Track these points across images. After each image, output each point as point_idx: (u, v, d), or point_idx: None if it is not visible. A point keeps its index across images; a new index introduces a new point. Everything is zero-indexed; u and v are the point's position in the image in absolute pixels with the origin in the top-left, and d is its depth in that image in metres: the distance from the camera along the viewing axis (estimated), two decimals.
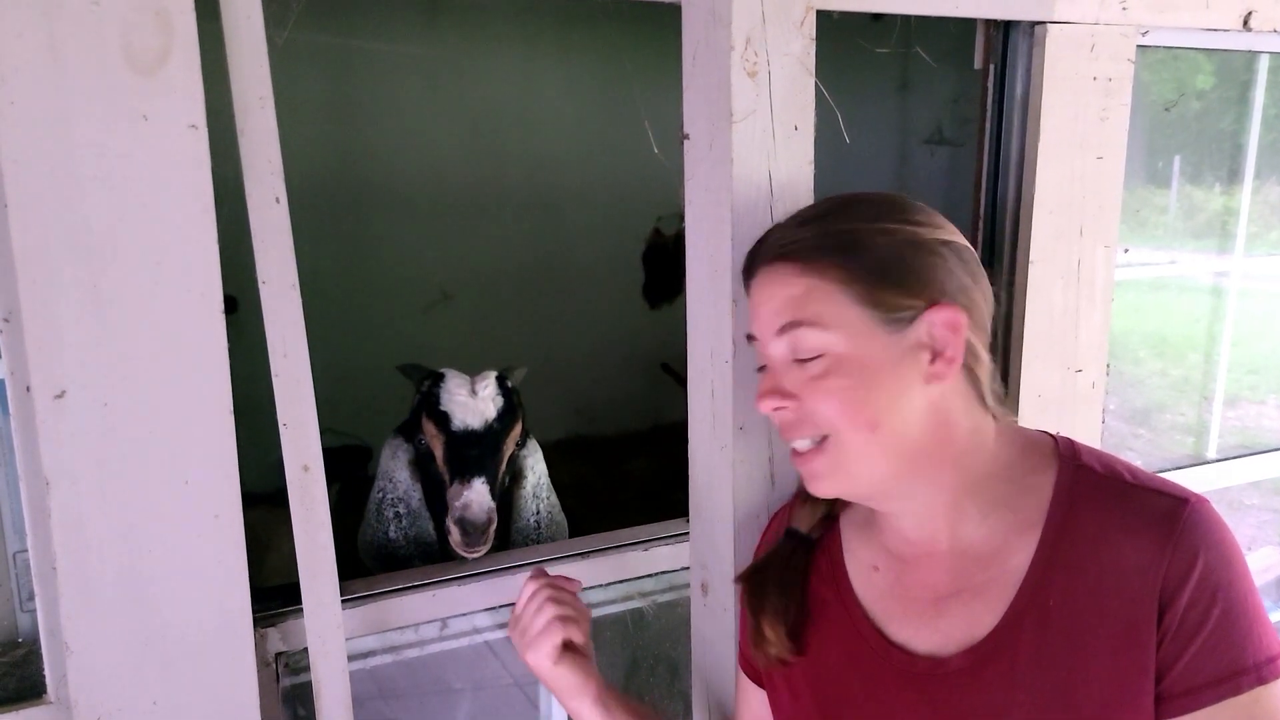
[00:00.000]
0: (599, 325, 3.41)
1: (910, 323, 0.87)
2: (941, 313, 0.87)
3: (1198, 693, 0.80)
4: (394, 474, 1.69)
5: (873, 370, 0.87)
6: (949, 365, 0.88)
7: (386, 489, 1.69)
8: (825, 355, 0.88)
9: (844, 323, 0.88)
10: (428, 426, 1.62)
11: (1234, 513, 2.14)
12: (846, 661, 0.95)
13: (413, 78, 3.01)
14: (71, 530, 1.01)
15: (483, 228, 3.19)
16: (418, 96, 3.03)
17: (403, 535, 1.67)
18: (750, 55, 1.11)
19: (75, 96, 0.95)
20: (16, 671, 1.13)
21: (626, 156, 3.06)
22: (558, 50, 3.20)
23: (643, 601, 1.54)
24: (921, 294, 0.87)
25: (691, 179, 1.21)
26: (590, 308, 3.38)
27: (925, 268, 0.88)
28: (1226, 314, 1.94)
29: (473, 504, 1.50)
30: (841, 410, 0.87)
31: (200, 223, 1.02)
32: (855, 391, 0.87)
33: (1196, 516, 0.82)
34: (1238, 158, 1.85)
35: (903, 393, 0.88)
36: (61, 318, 0.98)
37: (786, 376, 0.91)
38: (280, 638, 1.20)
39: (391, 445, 1.71)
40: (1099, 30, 1.41)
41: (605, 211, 3.33)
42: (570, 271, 3.34)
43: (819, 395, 0.88)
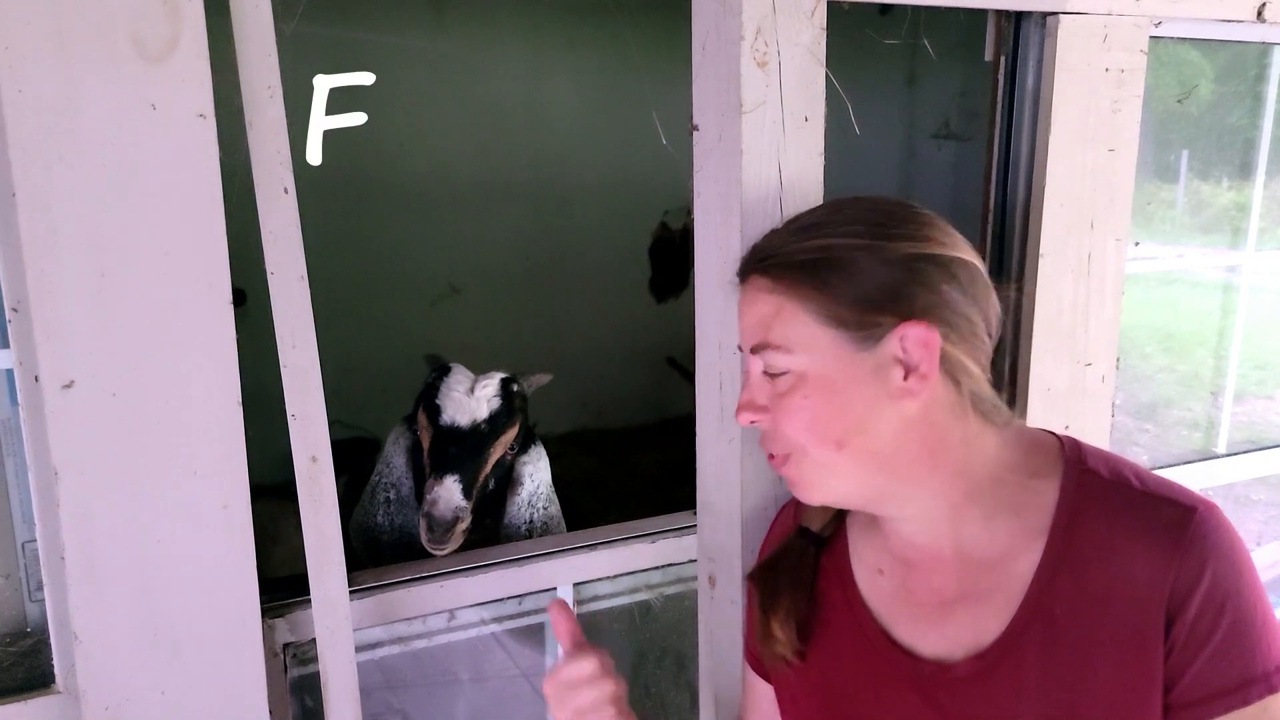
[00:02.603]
0: (606, 319, 3.41)
1: (880, 340, 0.86)
2: (913, 329, 0.85)
3: (1207, 703, 0.80)
4: (391, 459, 1.69)
5: (839, 389, 0.87)
6: (922, 381, 0.86)
7: (383, 473, 1.69)
8: (791, 373, 0.89)
9: (809, 343, 0.88)
10: (421, 418, 1.62)
11: (1241, 508, 2.12)
12: (853, 663, 0.95)
13: (420, 70, 3.01)
14: (80, 520, 1.01)
15: (490, 221, 3.19)
16: (425, 89, 3.03)
17: (389, 521, 1.67)
18: (760, 45, 1.10)
19: (83, 85, 0.95)
20: (25, 661, 1.13)
21: (634, 150, 3.06)
22: (565, 42, 3.19)
23: (650, 594, 1.54)
24: (893, 311, 0.86)
25: (700, 170, 1.21)
26: (597, 302, 3.38)
27: (898, 284, 0.86)
28: (1236, 309, 1.92)
29: (439, 501, 1.49)
30: (806, 429, 0.89)
31: (208, 212, 1.02)
32: (820, 410, 0.88)
33: (1205, 525, 0.82)
34: (1249, 152, 1.84)
35: (871, 409, 0.87)
36: (70, 308, 0.98)
37: (760, 391, 0.93)
38: (288, 628, 1.20)
39: (395, 432, 1.71)
40: (1111, 21, 1.40)
41: (612, 205, 3.33)
42: (577, 265, 3.34)
43: (785, 413, 0.90)
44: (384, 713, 1.46)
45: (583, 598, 1.47)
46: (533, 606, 1.47)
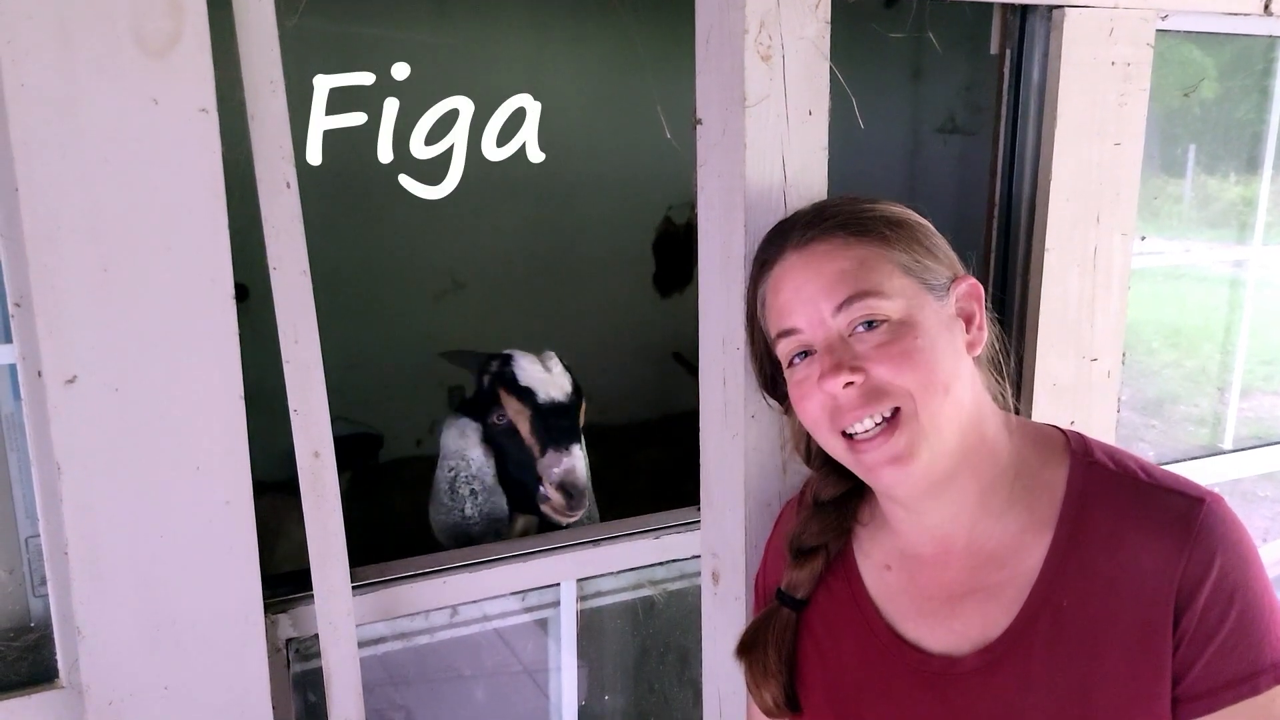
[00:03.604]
0: (609, 314, 3.40)
1: (947, 291, 0.90)
2: (965, 282, 0.91)
3: (1217, 693, 0.80)
4: (466, 453, 1.73)
5: (933, 334, 0.87)
6: (980, 332, 0.91)
7: (459, 468, 1.73)
8: (890, 322, 0.87)
9: (900, 289, 0.88)
10: (510, 403, 1.69)
11: (1247, 505, 2.12)
12: (860, 660, 0.95)
13: (423, 65, 3.00)
14: (83, 515, 1.01)
15: (493, 216, 3.18)
16: (428, 84, 3.02)
17: (478, 512, 1.72)
18: (764, 39, 1.10)
19: (85, 79, 0.95)
20: (29, 656, 1.13)
21: (638, 145, 3.04)
22: (568, 36, 3.18)
23: (653, 589, 1.54)
24: (949, 265, 0.92)
25: (704, 165, 1.20)
26: (600, 297, 3.37)
27: (943, 244, 0.93)
28: (1243, 304, 1.92)
29: (575, 468, 1.61)
30: (916, 372, 0.85)
31: (210, 207, 1.02)
32: (928, 353, 0.86)
33: (1212, 517, 0.82)
34: (1256, 146, 1.83)
35: (958, 359, 0.89)
36: (72, 303, 0.98)
37: (846, 352, 0.87)
38: (291, 624, 1.20)
39: (458, 425, 1.75)
40: (1118, 14, 1.39)
41: (616, 200, 3.32)
42: (581, 260, 3.33)
43: (891, 361, 0.85)
44: (386, 708, 1.46)
45: (586, 593, 1.47)
46: (536, 602, 1.47)
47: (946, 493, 0.90)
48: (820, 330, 0.88)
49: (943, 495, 0.90)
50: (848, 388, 0.86)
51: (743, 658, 1.02)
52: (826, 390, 0.87)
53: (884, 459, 0.86)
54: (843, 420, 0.87)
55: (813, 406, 0.89)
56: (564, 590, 1.43)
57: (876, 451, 0.86)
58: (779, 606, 1.00)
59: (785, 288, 0.92)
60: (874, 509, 0.99)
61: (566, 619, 1.44)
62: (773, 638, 0.99)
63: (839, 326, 0.88)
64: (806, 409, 0.90)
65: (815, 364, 0.89)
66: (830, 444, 0.91)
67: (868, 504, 1.00)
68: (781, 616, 1.00)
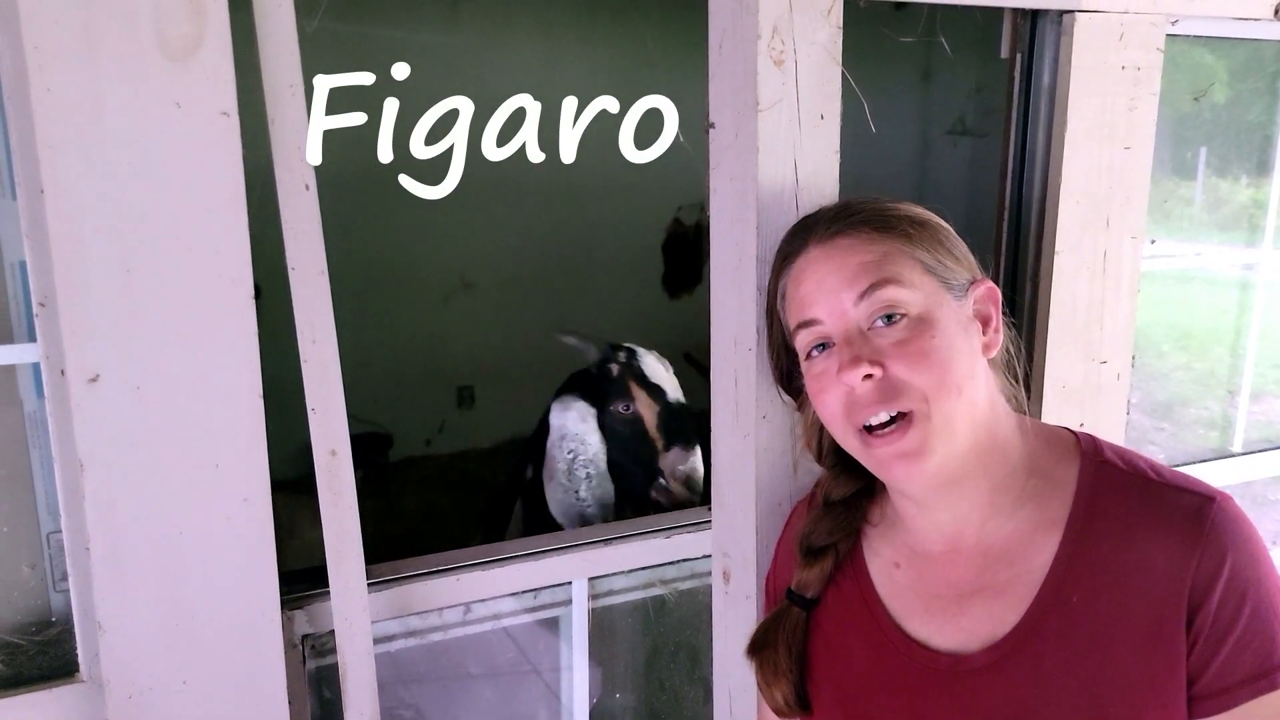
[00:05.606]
0: (619, 315, 3.41)
1: (965, 292, 0.91)
2: (984, 285, 0.92)
3: (1233, 691, 0.80)
4: (585, 437, 1.79)
5: (951, 334, 0.88)
6: (996, 335, 0.91)
7: (578, 450, 1.79)
8: (909, 318, 0.87)
9: (921, 284, 0.88)
10: (640, 395, 1.76)
11: (1258, 508, 2.12)
12: (869, 659, 0.95)
13: (435, 66, 3.01)
14: (104, 512, 1.03)
15: (503, 217, 3.19)
16: (440, 85, 3.03)
17: (591, 495, 1.78)
18: (777, 44, 1.11)
19: (109, 84, 0.96)
20: (50, 650, 1.15)
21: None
22: (580, 38, 3.19)
23: (664, 588, 1.55)
24: (969, 268, 0.92)
25: (717, 168, 1.21)
26: (610, 297, 3.38)
27: (963, 247, 0.94)
28: (1254, 307, 1.92)
29: (698, 467, 1.71)
30: (931, 372, 0.85)
31: (231, 209, 1.03)
32: (945, 352, 0.86)
33: (1223, 515, 0.82)
34: (1267, 149, 1.83)
35: (973, 359, 0.89)
36: (96, 303, 0.99)
37: (865, 345, 0.87)
38: (307, 620, 1.22)
39: (577, 408, 1.81)
40: (1128, 19, 1.39)
41: (625, 201, 3.33)
42: (590, 261, 3.34)
43: (908, 359, 0.86)
44: (397, 707, 1.48)
45: (597, 592, 1.48)
46: (548, 600, 1.48)
47: (958, 490, 0.90)
48: (840, 322, 0.89)
49: (954, 492, 0.90)
50: (866, 380, 0.86)
51: (753, 657, 1.02)
52: (845, 382, 0.87)
53: (897, 454, 0.87)
54: (859, 414, 0.88)
55: (830, 399, 0.90)
56: (575, 589, 1.44)
57: (890, 447, 0.87)
58: (789, 606, 1.01)
59: (808, 279, 0.92)
60: (884, 509, 1.00)
61: (578, 618, 1.45)
62: (783, 637, 1.00)
63: (859, 318, 0.88)
64: (824, 402, 0.91)
65: (834, 357, 0.89)
66: (845, 437, 0.91)
67: (878, 504, 1.01)
68: (792, 616, 1.01)
